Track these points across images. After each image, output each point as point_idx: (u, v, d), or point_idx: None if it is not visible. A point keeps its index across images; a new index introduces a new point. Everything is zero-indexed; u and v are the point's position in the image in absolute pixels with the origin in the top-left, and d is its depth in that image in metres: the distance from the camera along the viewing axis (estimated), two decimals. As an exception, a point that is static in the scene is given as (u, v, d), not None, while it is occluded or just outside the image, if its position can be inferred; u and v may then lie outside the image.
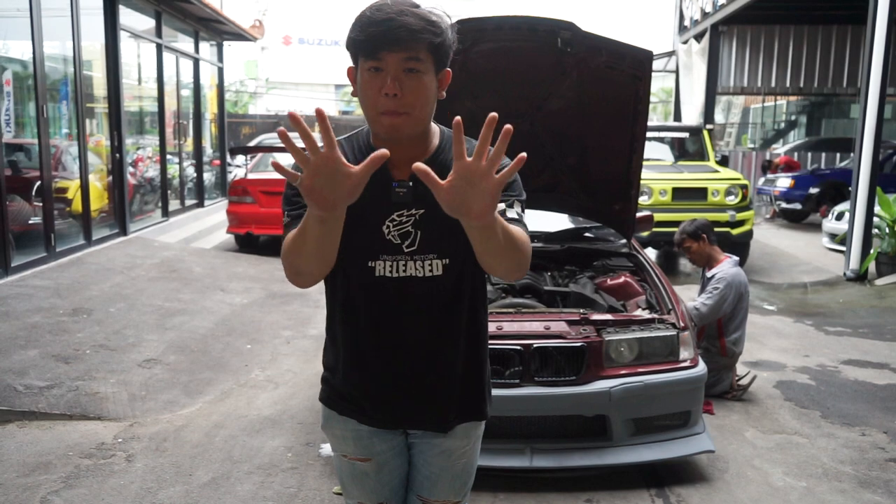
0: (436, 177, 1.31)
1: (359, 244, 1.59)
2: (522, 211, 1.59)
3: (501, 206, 1.51)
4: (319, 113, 1.35)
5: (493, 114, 1.29)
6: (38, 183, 7.17)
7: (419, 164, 1.30)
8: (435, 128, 1.64)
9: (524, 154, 1.31)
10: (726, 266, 4.63)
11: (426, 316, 1.65)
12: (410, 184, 1.56)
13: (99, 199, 8.69)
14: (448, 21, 1.54)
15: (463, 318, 1.69)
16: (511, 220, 1.51)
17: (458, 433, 1.78)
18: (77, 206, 8.08)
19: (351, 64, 1.56)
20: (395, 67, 1.46)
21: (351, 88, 1.60)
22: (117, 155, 9.03)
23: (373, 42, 1.45)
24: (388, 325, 1.66)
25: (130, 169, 9.83)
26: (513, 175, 1.32)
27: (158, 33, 10.55)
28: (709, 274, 4.70)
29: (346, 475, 1.84)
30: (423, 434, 1.78)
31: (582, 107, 4.03)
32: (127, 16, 9.37)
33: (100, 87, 9.09)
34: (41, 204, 7.20)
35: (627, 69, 3.78)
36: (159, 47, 10.62)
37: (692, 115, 14.92)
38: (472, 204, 1.32)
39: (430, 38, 1.46)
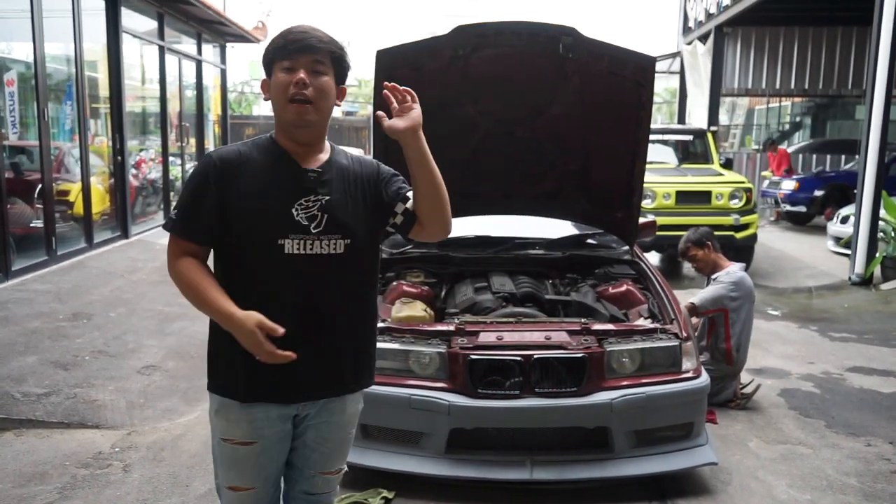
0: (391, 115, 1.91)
1: (270, 225, 1.89)
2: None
3: (408, 197, 2.00)
4: None
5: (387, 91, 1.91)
6: (40, 185, 7.15)
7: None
8: (327, 142, 2.05)
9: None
10: (733, 268, 4.60)
11: (333, 289, 1.94)
12: (319, 170, 1.96)
13: (101, 202, 8.67)
14: (346, 51, 2.00)
15: (363, 292, 2.04)
16: (406, 212, 1.99)
17: (354, 399, 2.09)
18: (79, 208, 8.05)
19: (265, 77, 1.97)
20: (305, 65, 1.89)
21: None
22: (119, 157, 9.01)
23: (290, 47, 1.90)
24: (300, 298, 1.91)
25: (133, 171, 9.80)
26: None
27: (161, 35, 10.53)
28: (714, 276, 4.65)
29: (226, 459, 2.01)
30: (322, 406, 2.01)
31: (584, 113, 3.98)
32: (129, 18, 9.35)
33: (102, 90, 9.08)
34: (42, 206, 7.18)
35: (630, 75, 3.74)
36: (161, 49, 10.59)
37: (701, 116, 14.83)
38: (404, 123, 1.89)
39: (333, 49, 1.93)
